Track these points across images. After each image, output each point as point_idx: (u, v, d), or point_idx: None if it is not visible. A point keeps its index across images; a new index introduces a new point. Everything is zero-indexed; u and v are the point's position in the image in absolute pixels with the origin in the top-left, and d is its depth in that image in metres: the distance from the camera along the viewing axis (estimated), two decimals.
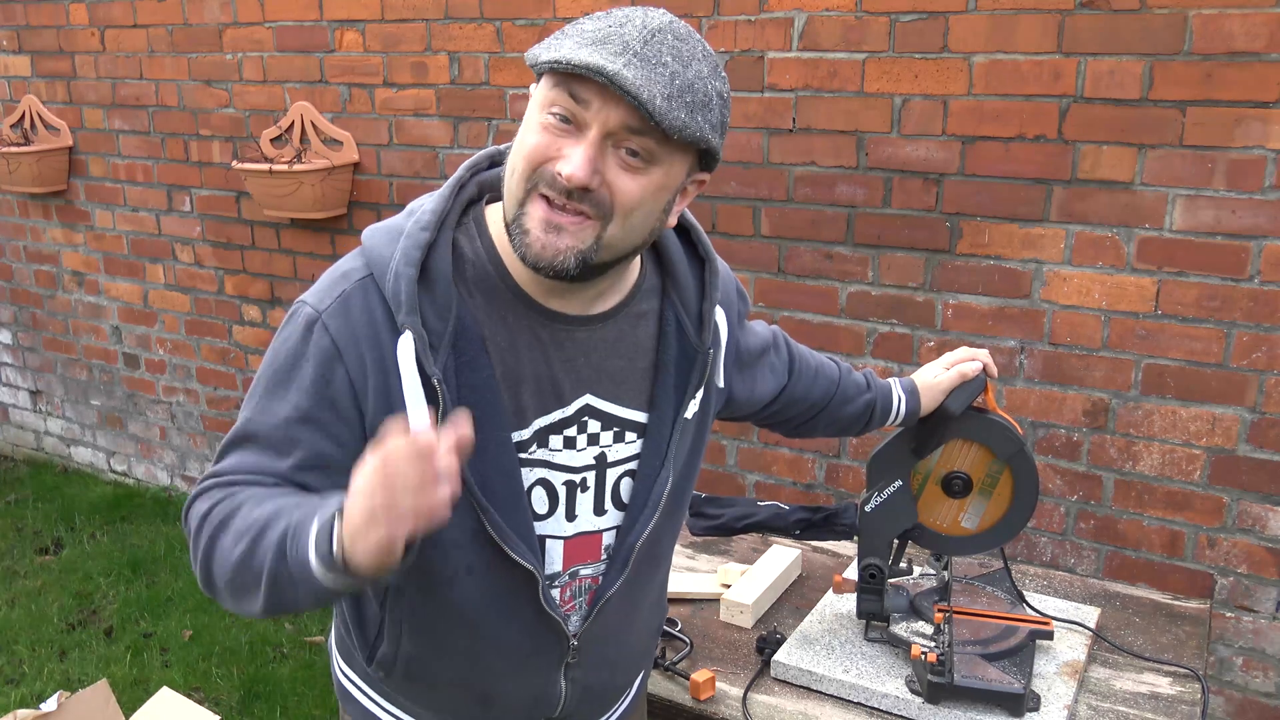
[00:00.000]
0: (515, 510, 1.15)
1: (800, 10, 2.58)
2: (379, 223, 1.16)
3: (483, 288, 1.12)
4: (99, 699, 2.12)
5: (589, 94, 1.00)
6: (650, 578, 1.32)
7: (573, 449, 1.19)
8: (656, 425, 1.22)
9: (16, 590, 3.63)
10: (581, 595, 1.25)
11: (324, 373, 1.08)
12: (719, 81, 1.05)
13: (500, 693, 1.26)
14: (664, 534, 1.29)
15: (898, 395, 1.60)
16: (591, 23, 1.03)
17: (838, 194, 2.65)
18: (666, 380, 1.22)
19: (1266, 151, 2.17)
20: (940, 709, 1.57)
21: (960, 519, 1.70)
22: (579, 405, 1.18)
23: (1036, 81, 2.35)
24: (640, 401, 1.22)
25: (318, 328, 1.08)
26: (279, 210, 3.41)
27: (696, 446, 1.29)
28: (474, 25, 3.06)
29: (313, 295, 1.12)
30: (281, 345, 1.12)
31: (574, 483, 1.20)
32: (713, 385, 1.28)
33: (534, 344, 1.14)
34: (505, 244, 1.11)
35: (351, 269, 1.12)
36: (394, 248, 1.09)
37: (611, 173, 1.02)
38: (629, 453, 1.23)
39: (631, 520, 1.23)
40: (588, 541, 1.23)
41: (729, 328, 1.31)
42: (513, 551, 1.15)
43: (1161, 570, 2.48)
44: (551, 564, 1.21)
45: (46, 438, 4.76)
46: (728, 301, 1.31)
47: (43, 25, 3.98)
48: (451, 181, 1.14)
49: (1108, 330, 2.41)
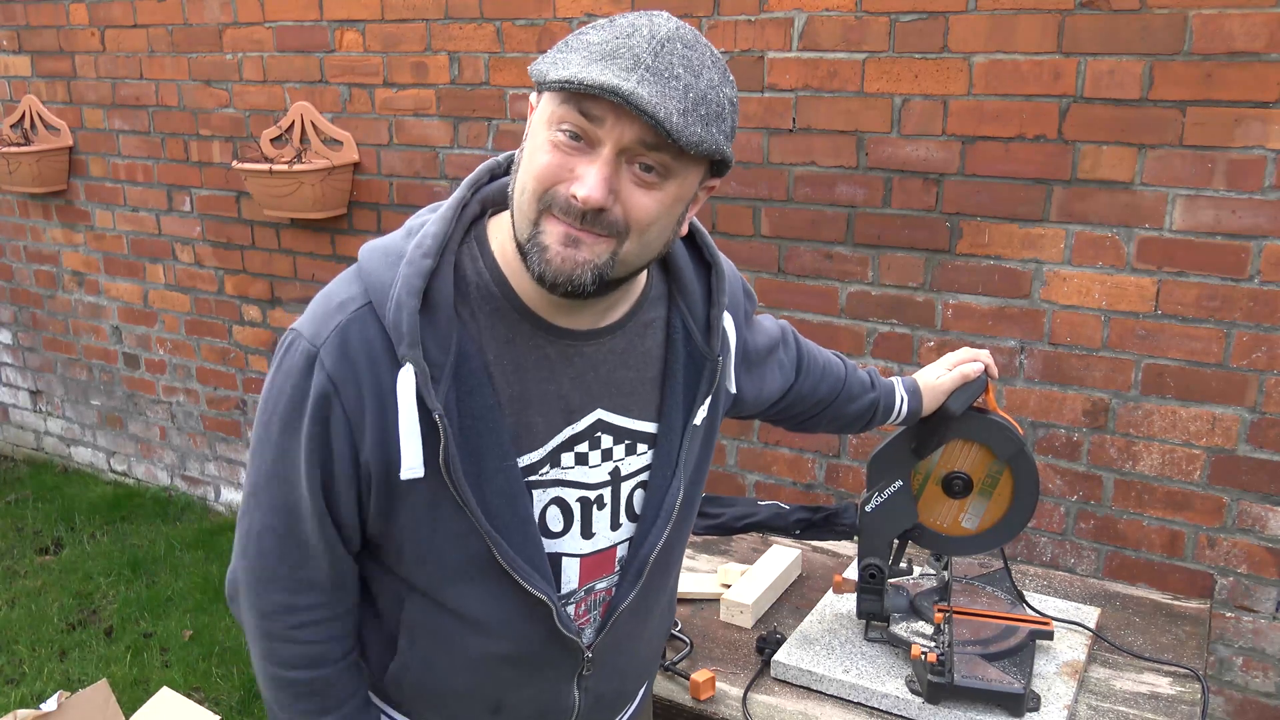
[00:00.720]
0: (524, 538, 1.13)
1: (800, 10, 2.58)
2: (376, 242, 1.12)
3: (487, 309, 1.09)
4: (99, 699, 2.12)
5: (601, 111, 0.96)
6: (662, 585, 1.31)
7: (585, 465, 1.16)
8: (666, 435, 1.20)
9: (16, 590, 3.63)
10: (595, 608, 1.24)
11: (320, 417, 1.07)
12: (729, 88, 1.03)
13: (511, 702, 1.25)
14: (676, 542, 1.28)
15: (900, 395, 1.60)
16: (597, 34, 0.99)
17: (838, 194, 2.65)
18: (675, 389, 1.20)
19: (1266, 151, 2.17)
20: (940, 709, 1.57)
21: (960, 519, 1.70)
22: (591, 420, 1.15)
23: (1036, 81, 2.35)
24: (650, 412, 1.19)
25: (316, 366, 1.05)
26: (279, 210, 3.41)
27: (705, 452, 1.28)
28: (474, 25, 3.06)
29: (308, 326, 1.08)
30: (281, 385, 1.09)
31: (589, 500, 1.18)
32: (722, 390, 1.26)
33: (542, 362, 1.11)
34: (510, 261, 1.09)
35: (348, 298, 1.08)
36: (394, 273, 1.06)
37: (626, 190, 0.99)
38: (640, 465, 1.20)
39: (644, 532, 1.21)
40: (602, 556, 1.21)
41: (737, 330, 1.29)
42: (524, 581, 1.13)
43: (1161, 570, 2.48)
44: (568, 583, 1.19)
45: (46, 438, 4.76)
46: (734, 303, 1.29)
47: (43, 25, 3.98)
48: (454, 203, 1.10)
49: (1108, 330, 2.41)
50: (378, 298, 1.06)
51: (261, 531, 1.13)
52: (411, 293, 1.03)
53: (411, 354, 1.03)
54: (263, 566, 1.14)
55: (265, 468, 1.12)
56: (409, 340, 1.03)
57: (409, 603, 1.18)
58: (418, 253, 1.06)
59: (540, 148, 1.00)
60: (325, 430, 1.07)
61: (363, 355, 1.05)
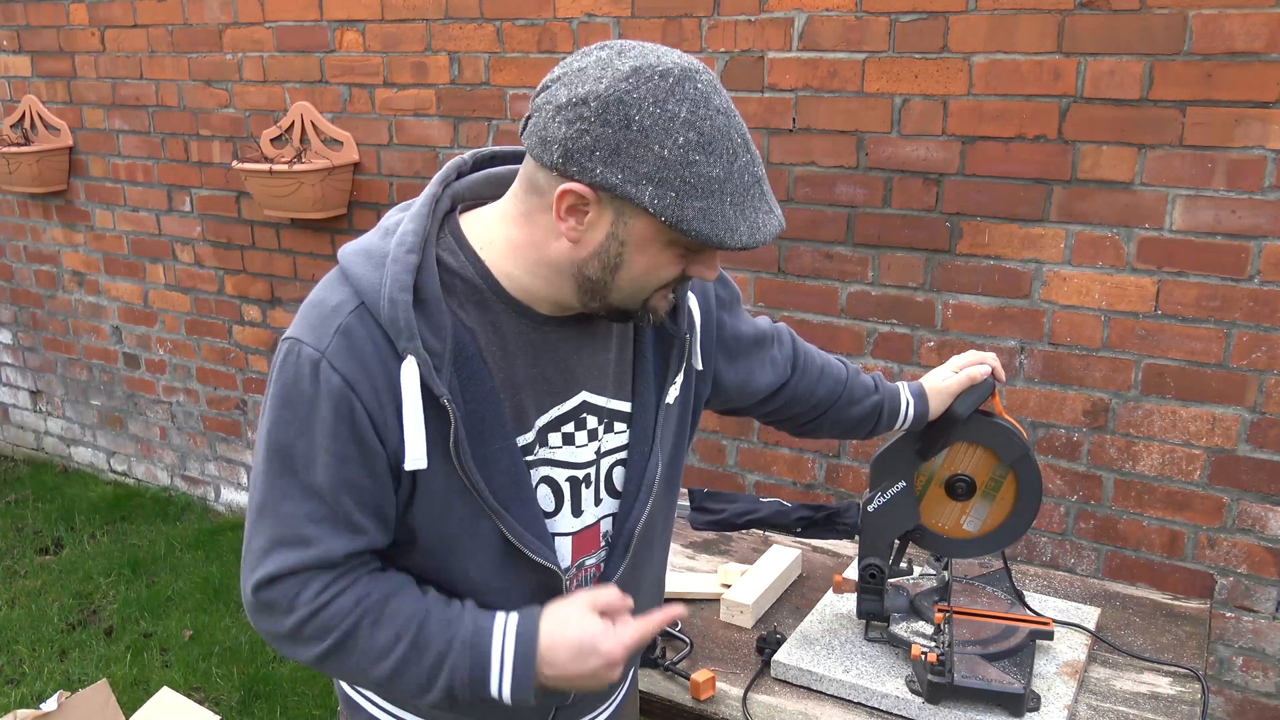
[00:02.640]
0: (529, 513, 1.18)
1: (800, 10, 2.58)
2: (353, 244, 1.14)
3: (473, 299, 1.13)
4: (99, 699, 2.13)
5: None
6: (648, 559, 1.35)
7: (572, 445, 1.21)
8: (641, 413, 1.26)
9: (16, 590, 3.63)
10: (586, 584, 1.28)
11: (341, 411, 1.07)
12: None
13: None
14: (659, 517, 1.33)
15: (906, 399, 1.60)
16: (707, 161, 1.01)
17: (838, 194, 2.65)
18: (646, 368, 1.26)
19: (1266, 151, 2.17)
20: (940, 709, 1.57)
21: (962, 521, 1.70)
22: (576, 402, 1.20)
23: (1036, 81, 2.35)
24: (624, 391, 1.25)
25: (324, 368, 1.07)
26: (279, 210, 3.41)
27: (681, 430, 1.34)
28: (474, 25, 3.06)
29: (307, 333, 1.09)
30: (288, 395, 1.09)
31: (577, 479, 1.23)
32: (692, 369, 1.32)
33: (527, 348, 1.16)
34: (490, 253, 1.13)
35: (341, 301, 1.09)
36: (381, 273, 1.08)
37: None
38: (618, 443, 1.26)
39: (628, 508, 1.27)
40: (589, 532, 1.27)
41: (703, 311, 1.33)
42: (534, 553, 1.18)
43: (1161, 570, 2.48)
44: (562, 559, 1.24)
45: (46, 438, 4.76)
46: (701, 287, 1.34)
47: (43, 25, 3.98)
48: (426, 198, 1.14)
49: (1108, 330, 2.41)
50: (369, 298, 1.08)
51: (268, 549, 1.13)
52: (403, 288, 1.07)
53: (412, 346, 1.06)
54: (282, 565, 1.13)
55: (274, 481, 1.11)
56: (408, 333, 1.06)
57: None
58: (401, 250, 1.09)
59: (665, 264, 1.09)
60: (351, 429, 1.08)
61: (370, 353, 1.08)
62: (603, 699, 1.41)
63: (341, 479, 1.09)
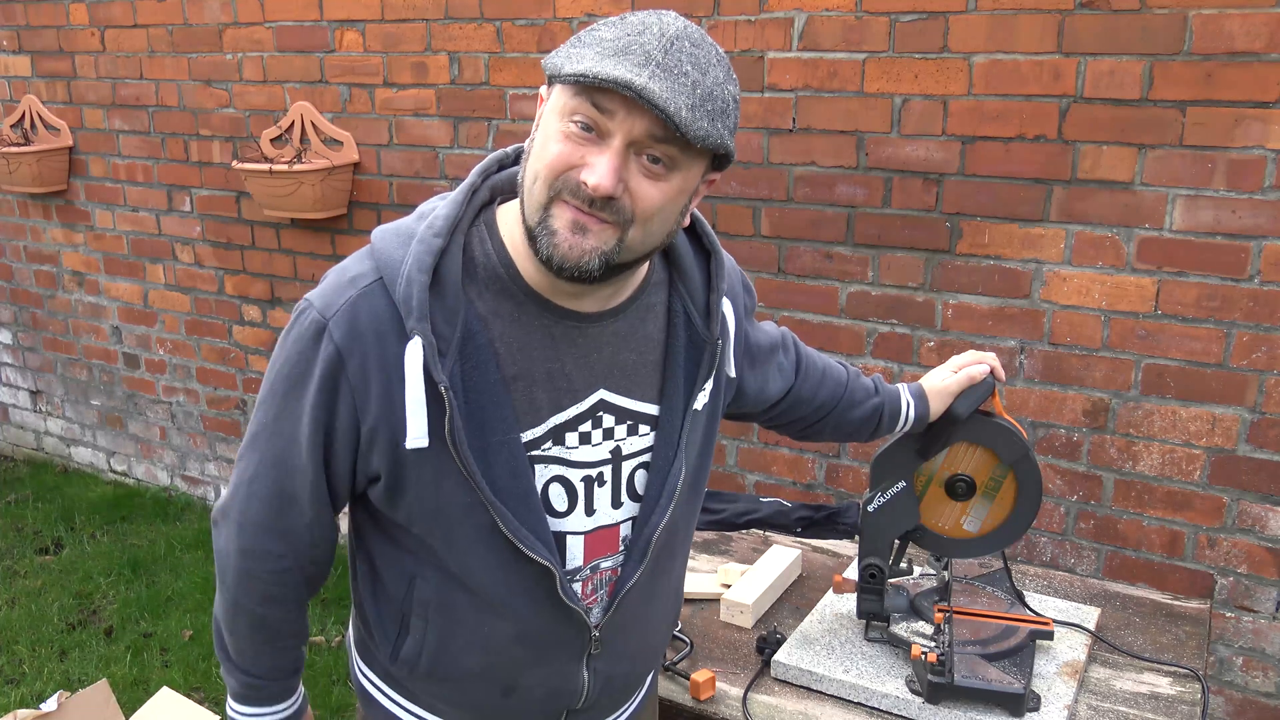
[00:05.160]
0: (527, 508, 1.17)
1: (800, 10, 2.58)
2: (388, 224, 1.17)
3: (494, 289, 1.14)
4: (99, 699, 2.13)
5: (613, 104, 1.01)
6: (668, 568, 1.34)
7: (588, 444, 1.20)
8: (668, 417, 1.24)
9: (16, 590, 3.63)
10: (602, 588, 1.27)
11: (328, 385, 1.12)
12: (733, 85, 1.08)
13: (523, 684, 1.28)
14: (680, 524, 1.32)
15: (906, 400, 1.61)
16: (609, 30, 1.04)
17: (838, 194, 2.65)
18: (676, 372, 1.24)
19: (1266, 151, 2.17)
20: (940, 709, 1.57)
21: (962, 521, 1.70)
22: (593, 401, 1.19)
23: (1036, 81, 2.35)
24: (651, 394, 1.24)
25: (325, 336, 1.11)
26: (279, 210, 3.41)
27: (708, 437, 1.32)
28: (474, 25, 3.06)
29: (320, 298, 1.13)
30: (290, 351, 1.15)
31: (591, 478, 1.22)
32: (723, 375, 1.30)
33: (547, 342, 1.16)
34: (517, 245, 1.13)
35: (360, 274, 1.13)
36: (405, 251, 1.11)
37: (634, 180, 1.04)
38: (642, 445, 1.25)
39: (648, 512, 1.25)
40: (606, 534, 1.25)
41: (736, 319, 1.33)
42: (528, 549, 1.17)
43: (1161, 570, 2.48)
44: (573, 559, 1.23)
45: (46, 438, 4.76)
46: (733, 293, 1.33)
47: (43, 25, 3.98)
48: (465, 187, 1.16)
49: (1108, 330, 2.41)
50: (388, 274, 1.11)
51: (254, 478, 1.20)
52: (422, 269, 1.09)
53: (420, 327, 1.08)
54: (250, 509, 1.21)
55: (268, 422, 1.18)
56: (418, 314, 1.08)
57: (420, 580, 1.23)
58: (429, 233, 1.11)
59: (552, 137, 1.05)
60: (332, 398, 1.12)
61: (370, 330, 1.10)
62: (619, 703, 1.39)
63: (311, 442, 1.15)
